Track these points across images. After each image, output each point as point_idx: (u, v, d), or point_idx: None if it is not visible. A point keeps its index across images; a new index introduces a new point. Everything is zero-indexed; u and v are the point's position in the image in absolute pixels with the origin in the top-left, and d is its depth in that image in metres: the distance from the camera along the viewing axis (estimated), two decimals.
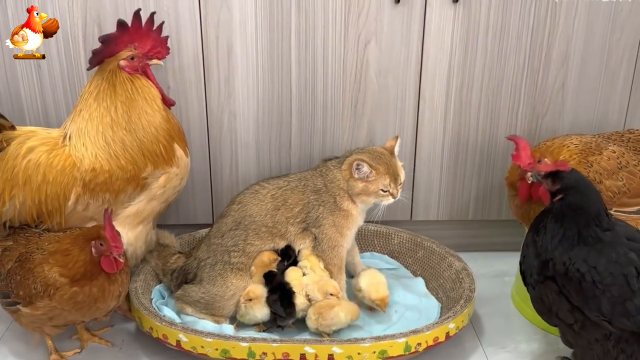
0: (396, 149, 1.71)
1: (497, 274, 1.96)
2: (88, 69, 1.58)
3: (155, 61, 1.58)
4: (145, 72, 1.57)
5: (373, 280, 1.65)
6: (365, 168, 1.62)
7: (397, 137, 1.72)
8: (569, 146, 1.63)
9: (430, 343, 1.50)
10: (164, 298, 1.72)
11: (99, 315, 1.52)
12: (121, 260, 1.43)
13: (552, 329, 1.52)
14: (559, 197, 1.38)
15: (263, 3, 1.74)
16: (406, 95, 1.86)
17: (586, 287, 1.31)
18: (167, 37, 1.60)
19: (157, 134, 1.56)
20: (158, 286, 1.74)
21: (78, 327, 1.63)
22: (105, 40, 1.53)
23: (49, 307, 1.44)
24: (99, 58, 1.54)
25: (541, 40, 1.80)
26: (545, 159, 1.60)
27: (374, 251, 1.94)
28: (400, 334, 1.48)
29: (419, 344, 1.48)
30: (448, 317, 1.53)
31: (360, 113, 1.87)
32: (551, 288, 1.37)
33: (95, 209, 1.57)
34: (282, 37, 1.78)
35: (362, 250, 1.90)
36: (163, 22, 1.58)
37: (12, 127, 1.58)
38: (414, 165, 1.94)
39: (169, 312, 1.64)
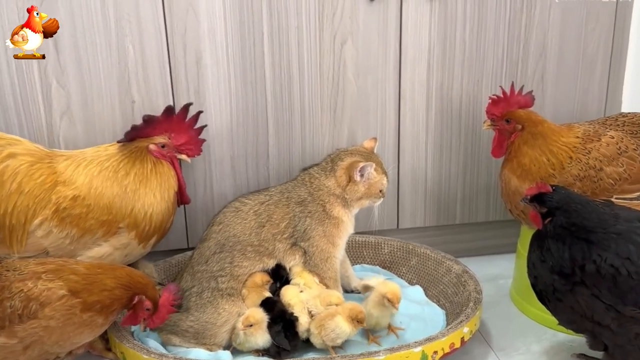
0: (375, 151, 1.65)
1: (491, 278, 1.88)
2: (119, 142, 1.54)
3: (184, 156, 1.57)
4: (172, 163, 1.56)
5: (380, 285, 1.52)
6: (372, 170, 1.54)
7: (375, 139, 1.67)
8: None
9: (447, 350, 1.39)
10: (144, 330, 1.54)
11: (78, 344, 1.35)
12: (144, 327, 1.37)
13: (560, 327, 1.43)
14: (548, 219, 1.33)
15: (232, 7, 1.63)
16: (386, 97, 1.78)
17: (621, 282, 1.24)
18: (203, 140, 1.60)
19: (152, 217, 1.51)
20: None
21: None
22: (147, 120, 1.53)
23: (30, 329, 1.25)
24: (135, 135, 1.53)
25: (518, 32, 1.77)
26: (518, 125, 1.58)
27: (364, 263, 1.83)
28: (415, 342, 1.37)
29: (436, 352, 1.37)
30: (461, 322, 1.43)
31: (339, 118, 1.78)
32: (582, 292, 1.29)
33: (53, 241, 1.44)
34: (254, 42, 1.67)
35: (351, 263, 1.78)
36: (206, 125, 1.62)
37: None
38: (398, 170, 1.85)
39: (154, 344, 1.47)
